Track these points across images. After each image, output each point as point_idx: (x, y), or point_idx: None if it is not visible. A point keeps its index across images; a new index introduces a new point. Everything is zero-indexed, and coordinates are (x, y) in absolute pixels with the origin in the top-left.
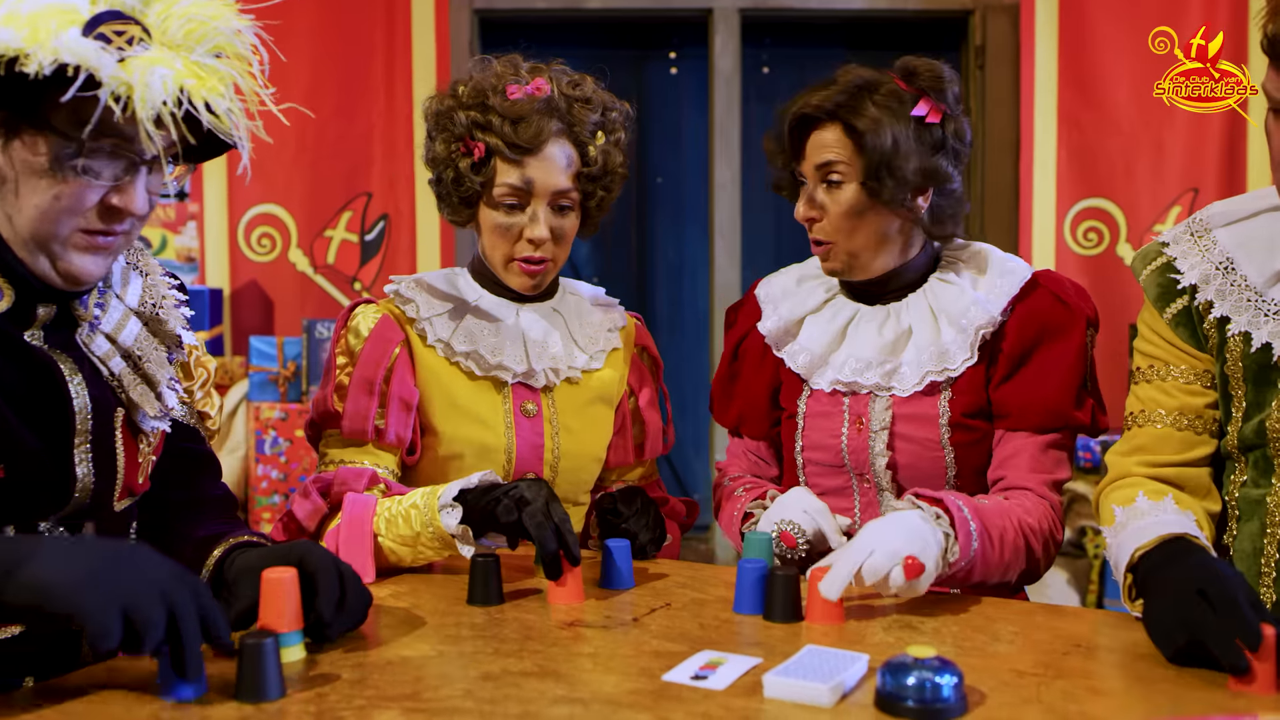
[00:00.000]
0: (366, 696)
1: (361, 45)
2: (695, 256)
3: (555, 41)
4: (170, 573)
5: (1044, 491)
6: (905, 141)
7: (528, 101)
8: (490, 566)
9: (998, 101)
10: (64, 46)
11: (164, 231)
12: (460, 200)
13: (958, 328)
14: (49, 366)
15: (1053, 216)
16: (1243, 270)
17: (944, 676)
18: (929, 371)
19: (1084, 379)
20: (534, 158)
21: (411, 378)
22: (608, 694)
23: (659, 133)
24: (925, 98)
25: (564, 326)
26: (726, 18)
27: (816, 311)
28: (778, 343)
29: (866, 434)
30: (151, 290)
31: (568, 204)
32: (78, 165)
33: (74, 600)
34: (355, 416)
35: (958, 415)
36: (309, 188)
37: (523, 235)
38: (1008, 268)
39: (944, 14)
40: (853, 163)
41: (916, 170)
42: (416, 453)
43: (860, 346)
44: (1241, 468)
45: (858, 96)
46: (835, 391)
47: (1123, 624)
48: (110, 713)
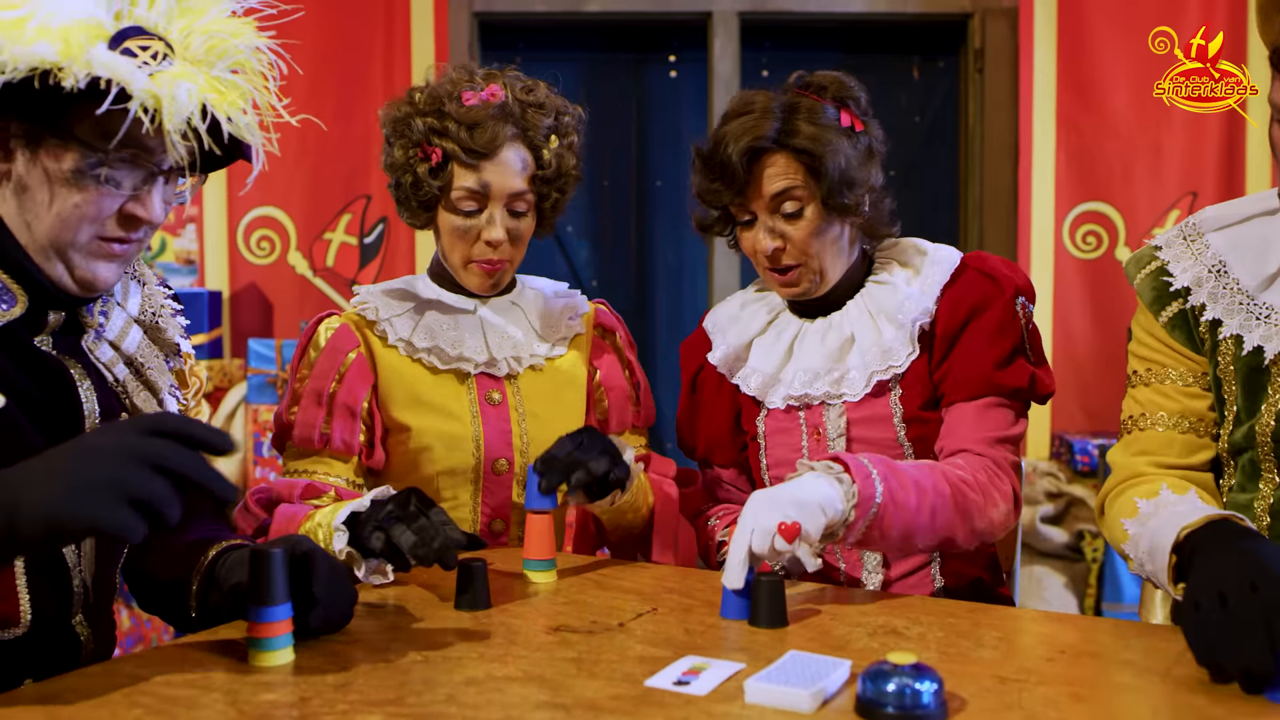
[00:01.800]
0: (350, 701)
1: (361, 48)
2: (694, 259)
3: (554, 44)
4: (137, 437)
5: (981, 448)
6: (847, 153)
7: (482, 107)
8: (477, 571)
9: (996, 105)
10: (97, 61)
11: (163, 234)
12: (419, 204)
13: (896, 324)
14: (61, 372)
15: (1051, 220)
16: (1235, 273)
17: (924, 683)
18: (875, 372)
19: (1016, 345)
20: (490, 162)
21: (364, 384)
22: (590, 699)
23: (658, 136)
24: (844, 108)
25: (523, 319)
26: (725, 21)
27: (762, 334)
28: (730, 369)
29: (825, 443)
30: (150, 299)
31: (523, 206)
32: (101, 175)
33: (83, 518)
34: (304, 425)
35: (911, 411)
36: (308, 190)
37: (480, 237)
38: (938, 257)
39: (943, 17)
40: (807, 185)
41: (863, 178)
42: (374, 456)
43: (807, 359)
44: (1230, 472)
45: (789, 120)
46: (790, 407)
47: (1109, 630)
48: (98, 715)
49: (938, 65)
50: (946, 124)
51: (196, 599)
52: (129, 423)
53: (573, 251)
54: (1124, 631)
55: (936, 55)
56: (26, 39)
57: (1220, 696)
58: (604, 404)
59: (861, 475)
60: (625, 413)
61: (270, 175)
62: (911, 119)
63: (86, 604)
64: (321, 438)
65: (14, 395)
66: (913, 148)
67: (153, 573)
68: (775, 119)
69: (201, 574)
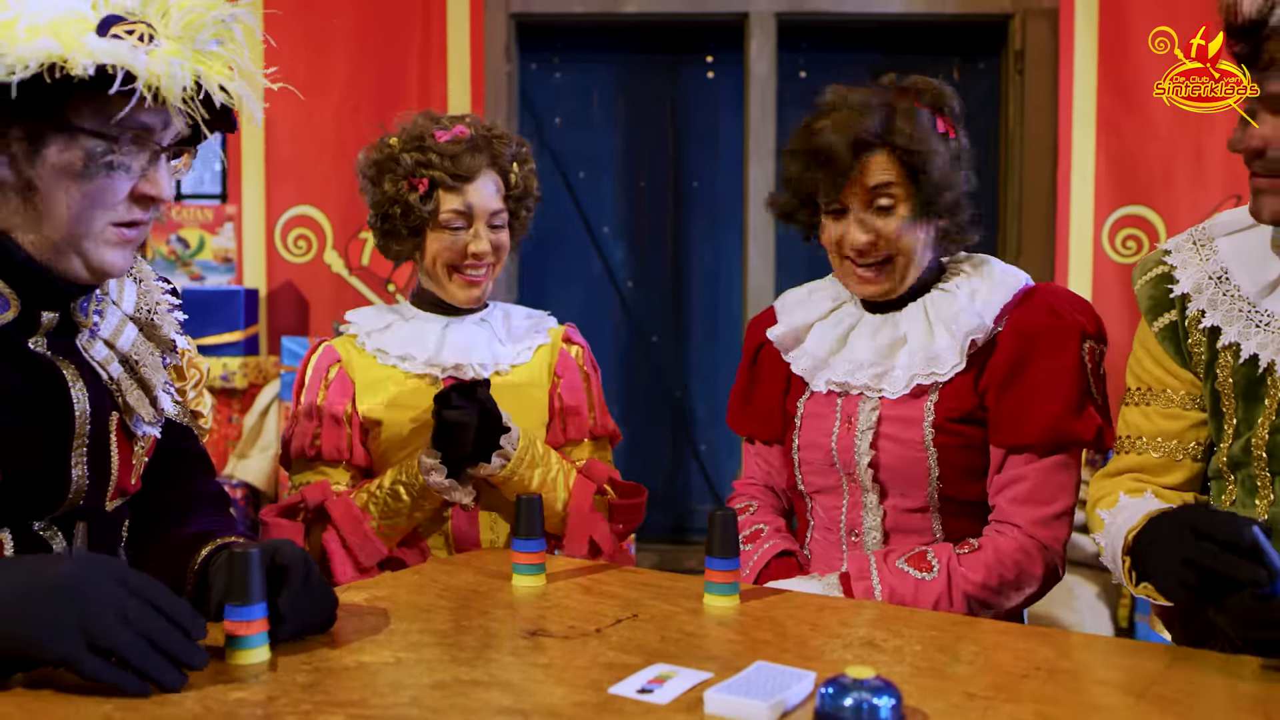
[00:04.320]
0: (315, 701)
1: (398, 49)
2: (729, 260)
3: (591, 45)
4: (118, 591)
5: (1033, 529)
6: (943, 157)
7: (455, 142)
8: (534, 503)
9: (1036, 106)
10: (98, 49)
11: (201, 233)
12: (409, 231)
13: (950, 334)
14: (53, 373)
15: (1091, 224)
16: (1236, 280)
17: (882, 698)
18: (916, 375)
19: (1083, 393)
20: (471, 185)
21: (344, 394)
22: (552, 705)
23: (694, 137)
24: (940, 114)
25: (490, 333)
26: (762, 22)
27: (824, 318)
28: (785, 347)
29: (854, 434)
30: (146, 296)
31: (500, 223)
32: (111, 162)
33: (54, 652)
34: (299, 438)
35: (942, 419)
36: (344, 190)
37: (467, 251)
38: (1004, 277)
39: (983, 18)
40: (904, 184)
41: (955, 184)
42: (356, 455)
43: (857, 350)
44: (1230, 488)
45: (890, 119)
46: (831, 392)
47: (1092, 647)
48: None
49: (978, 66)
50: (986, 125)
51: (191, 599)
52: (115, 569)
53: (609, 252)
54: (1108, 649)
55: (976, 56)
56: (24, 38)
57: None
58: (563, 413)
59: None
60: (582, 425)
61: (307, 175)
62: None
63: None
64: (313, 447)
65: (6, 396)
66: None
67: (152, 566)
68: (876, 116)
69: (194, 573)
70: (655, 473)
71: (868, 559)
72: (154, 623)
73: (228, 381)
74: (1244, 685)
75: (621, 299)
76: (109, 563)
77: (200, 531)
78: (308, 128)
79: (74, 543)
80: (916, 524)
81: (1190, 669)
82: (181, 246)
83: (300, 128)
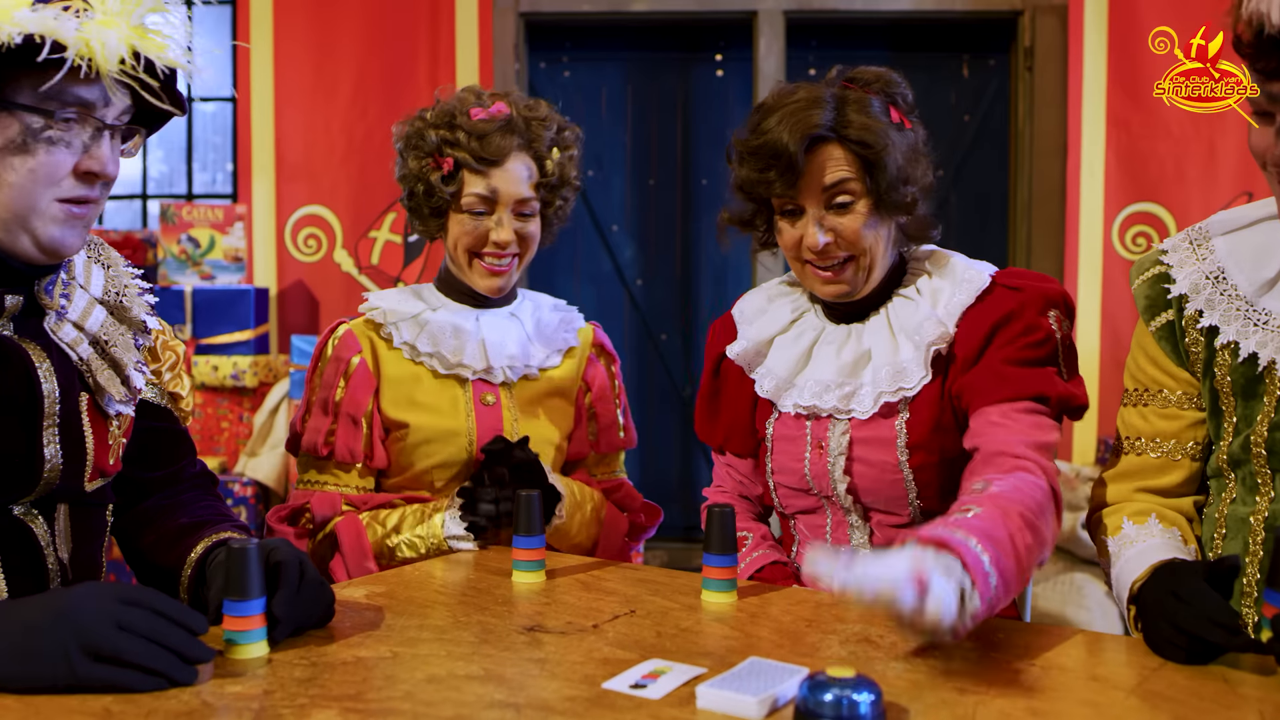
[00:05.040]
0: (310, 695)
1: (406, 49)
2: (739, 258)
3: (600, 44)
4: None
5: (1023, 451)
6: (899, 150)
7: (489, 121)
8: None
9: (1046, 103)
10: (25, 19)
11: (212, 232)
12: (430, 211)
13: (914, 344)
14: (18, 354)
15: (1100, 221)
16: (1233, 279)
17: (861, 694)
18: (883, 393)
19: (1047, 355)
20: (498, 169)
21: (367, 390)
22: (544, 700)
23: (704, 135)
24: (891, 104)
25: (521, 329)
26: (771, 20)
27: (784, 331)
28: (749, 365)
29: (827, 458)
30: (114, 280)
31: (529, 211)
32: (51, 137)
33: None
34: (312, 433)
35: (915, 437)
36: (354, 189)
37: (489, 238)
38: (967, 276)
39: (992, 15)
40: (861, 179)
41: (914, 176)
42: (375, 458)
43: (821, 369)
44: (1231, 485)
45: (840, 111)
46: (799, 415)
47: (1091, 643)
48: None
49: (988, 63)
50: (996, 123)
51: (189, 591)
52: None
53: (618, 250)
54: (1107, 647)
55: (986, 53)
56: None
57: (1184, 715)
58: (595, 425)
59: (980, 578)
60: (613, 438)
61: (317, 175)
62: (960, 118)
63: (66, 581)
64: (326, 446)
65: None
66: (962, 147)
67: (149, 555)
68: (826, 109)
69: (193, 568)
70: (664, 471)
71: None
72: (154, 624)
73: (238, 380)
74: (1239, 684)
75: (630, 297)
76: (100, 585)
77: (194, 521)
78: (317, 128)
79: (55, 526)
80: (907, 537)
81: (1188, 667)
82: (192, 246)
83: (310, 128)
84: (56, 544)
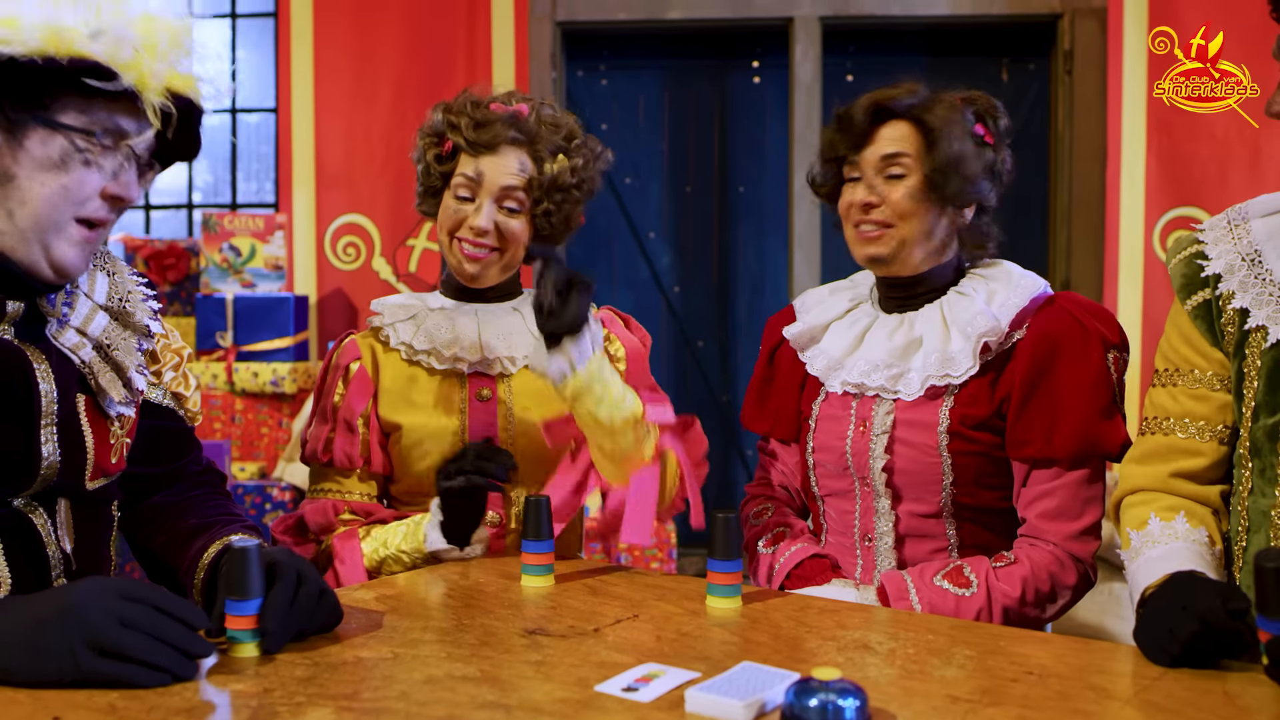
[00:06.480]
0: (308, 694)
1: (444, 58)
2: (776, 265)
3: (637, 52)
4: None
5: (1064, 543)
6: (966, 150)
7: (500, 114)
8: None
9: (1086, 107)
10: (84, 48)
11: (253, 241)
12: (426, 189)
13: (965, 336)
14: (17, 356)
15: (1141, 226)
16: (1269, 263)
17: (847, 699)
18: (930, 376)
19: (1109, 404)
20: (489, 155)
21: (363, 395)
22: (536, 702)
23: (741, 142)
24: (982, 122)
25: (522, 323)
26: (807, 26)
27: (840, 318)
28: (800, 345)
29: (869, 437)
30: (118, 286)
31: (515, 205)
32: (87, 158)
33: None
34: (314, 440)
35: (957, 424)
36: (392, 198)
37: (466, 223)
38: (1022, 282)
39: (1031, 18)
40: (918, 158)
41: (973, 178)
42: (375, 462)
43: (872, 351)
44: (1248, 476)
45: (929, 101)
46: (846, 394)
47: (1092, 651)
48: (74, 698)
49: (1027, 67)
50: (1036, 127)
51: (202, 594)
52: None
53: (655, 257)
54: (1108, 654)
55: (1025, 57)
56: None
57: None
58: (621, 368)
59: None
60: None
61: (356, 184)
62: None
63: (70, 573)
64: (325, 452)
65: None
66: None
67: (159, 554)
68: (915, 95)
69: (205, 571)
70: None
71: (904, 578)
72: (156, 620)
73: (277, 386)
74: (1238, 696)
75: (668, 304)
76: (105, 581)
77: (203, 523)
78: (356, 138)
79: (57, 519)
80: (930, 529)
81: (1187, 677)
82: (234, 254)
83: (349, 138)
84: (58, 536)
